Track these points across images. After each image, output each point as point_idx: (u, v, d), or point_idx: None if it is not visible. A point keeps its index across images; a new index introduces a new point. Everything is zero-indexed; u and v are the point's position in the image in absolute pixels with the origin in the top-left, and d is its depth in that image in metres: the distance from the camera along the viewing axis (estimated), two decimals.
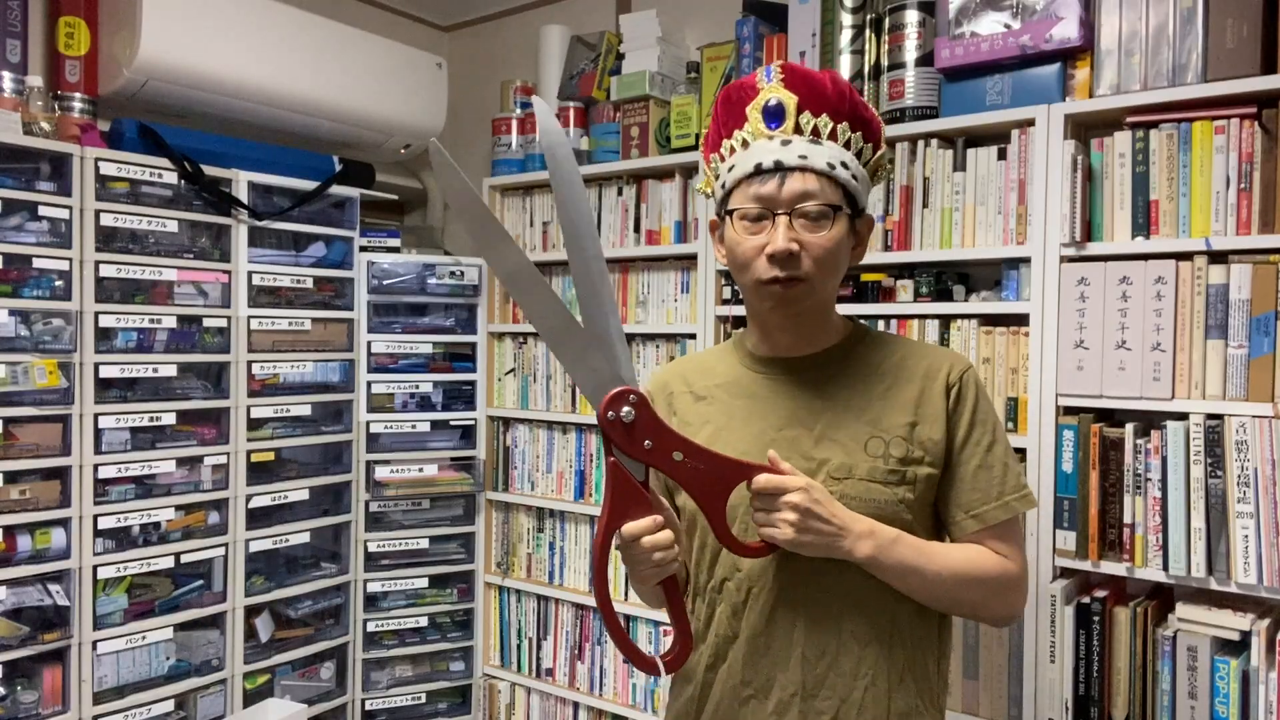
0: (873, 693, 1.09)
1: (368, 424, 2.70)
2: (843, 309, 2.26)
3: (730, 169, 1.12)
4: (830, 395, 1.15)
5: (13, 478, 2.01)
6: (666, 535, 1.02)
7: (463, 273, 2.82)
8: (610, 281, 1.09)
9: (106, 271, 2.15)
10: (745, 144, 1.12)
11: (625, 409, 0.97)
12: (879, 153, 1.16)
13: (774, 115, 1.10)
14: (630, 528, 1.01)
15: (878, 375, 1.16)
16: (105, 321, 2.15)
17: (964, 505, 1.13)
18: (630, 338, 2.58)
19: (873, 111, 1.16)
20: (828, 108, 1.10)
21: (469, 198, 1.01)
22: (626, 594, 2.56)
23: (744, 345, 1.24)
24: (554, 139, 1.07)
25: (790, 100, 1.09)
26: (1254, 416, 1.64)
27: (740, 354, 1.24)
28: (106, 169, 2.14)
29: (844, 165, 1.09)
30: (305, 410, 2.57)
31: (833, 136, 1.10)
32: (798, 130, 1.09)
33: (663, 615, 2.47)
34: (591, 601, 2.64)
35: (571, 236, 1.04)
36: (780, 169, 1.07)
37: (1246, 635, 1.65)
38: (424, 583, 2.78)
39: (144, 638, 2.23)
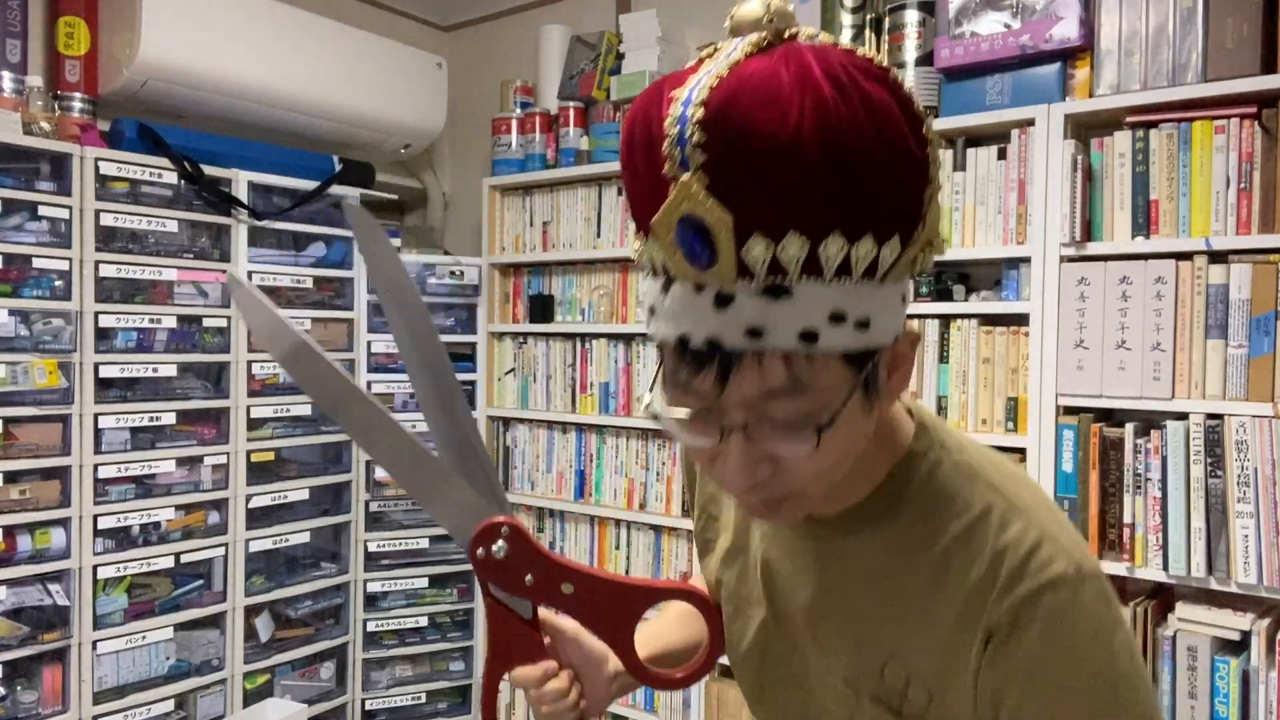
0: None
1: None
2: None
3: (651, 311, 0.62)
4: (847, 582, 0.75)
5: (13, 478, 2.01)
6: (557, 686, 0.83)
7: (463, 273, 2.82)
8: (466, 402, 0.89)
9: (106, 271, 2.15)
10: (666, 271, 0.60)
11: (496, 544, 0.80)
12: (917, 234, 0.59)
13: (697, 254, 0.57)
14: (518, 675, 0.83)
15: (913, 563, 0.70)
16: (105, 321, 2.15)
17: None
18: (630, 338, 2.58)
19: (909, 139, 0.57)
20: (799, 211, 0.55)
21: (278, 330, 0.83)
22: None
23: None
24: (391, 268, 0.89)
25: (721, 223, 0.55)
26: (1254, 416, 1.64)
27: None
28: (106, 169, 2.14)
29: (837, 319, 0.57)
30: (305, 410, 2.57)
31: (814, 268, 0.56)
32: (743, 270, 0.56)
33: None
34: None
35: (417, 364, 0.89)
36: (716, 350, 0.58)
37: (1246, 635, 1.65)
38: (424, 582, 2.78)
39: (144, 638, 2.23)
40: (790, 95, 0.54)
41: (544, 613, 0.84)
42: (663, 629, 0.95)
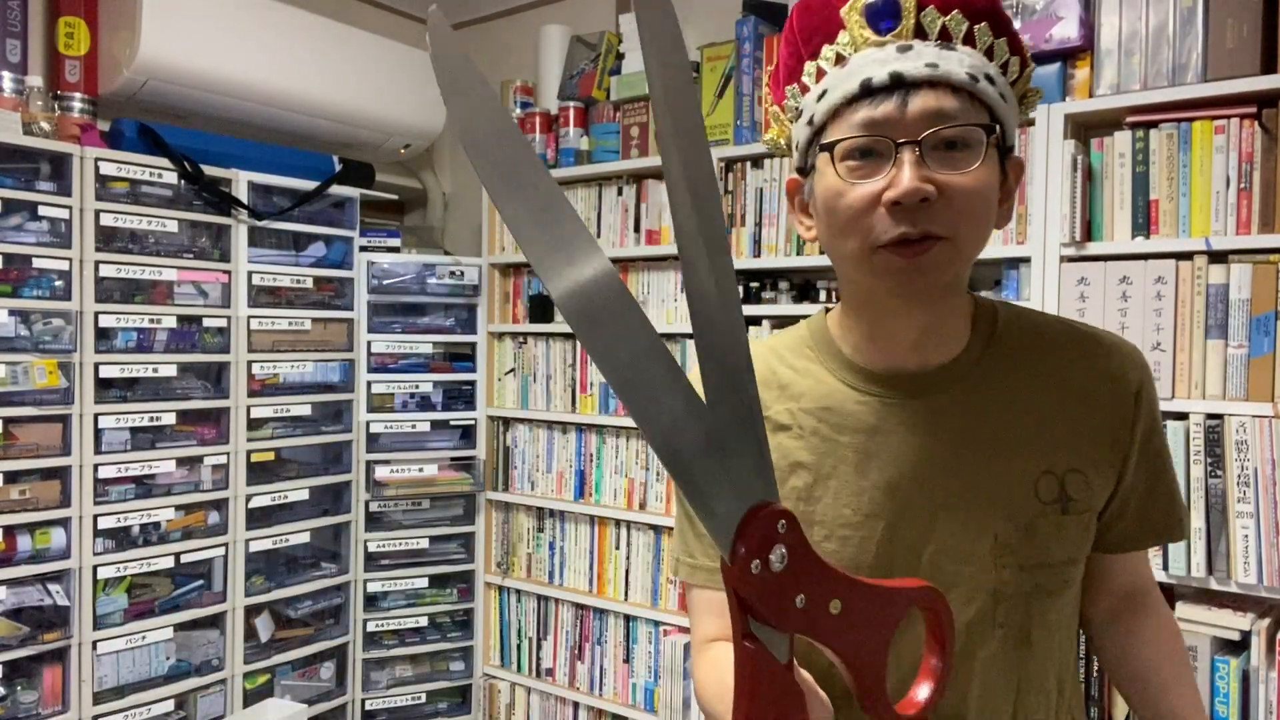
0: None
1: (368, 424, 2.70)
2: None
3: (821, 96, 0.76)
4: (981, 421, 0.80)
5: (13, 478, 2.01)
6: None
7: (463, 273, 2.82)
8: (739, 311, 0.54)
9: (106, 271, 2.15)
10: (841, 59, 0.76)
11: (775, 552, 0.52)
12: (1027, 69, 0.80)
13: (884, 13, 0.74)
14: None
15: (1043, 383, 0.82)
16: (105, 321, 2.15)
17: (1154, 526, 0.86)
18: None
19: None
20: (959, 2, 0.75)
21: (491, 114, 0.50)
22: (627, 594, 2.56)
23: (836, 349, 0.85)
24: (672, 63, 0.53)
25: None
26: (1254, 416, 1.64)
27: (833, 362, 0.85)
28: (106, 169, 2.14)
29: (989, 79, 0.74)
30: (305, 410, 2.57)
31: (969, 40, 0.75)
32: (920, 33, 0.74)
33: (662, 614, 2.47)
34: (591, 601, 2.64)
35: (693, 229, 0.52)
36: (900, 84, 0.72)
37: (1246, 635, 1.65)
38: (424, 583, 2.78)
39: (144, 638, 2.23)
40: None
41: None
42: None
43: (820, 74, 0.77)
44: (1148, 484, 0.85)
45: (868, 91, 0.73)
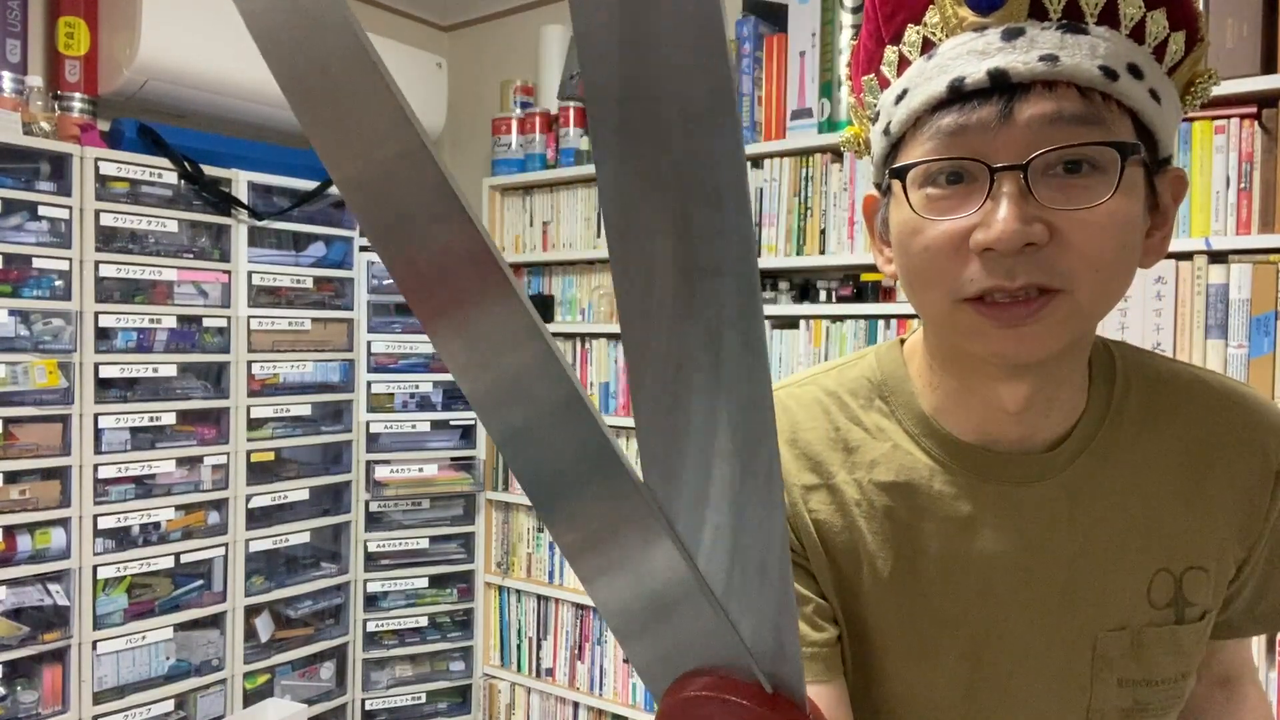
0: None
1: (368, 424, 2.70)
2: (838, 309, 2.26)
3: (900, 97, 0.58)
4: (1092, 511, 0.65)
5: (13, 478, 2.01)
6: None
7: None
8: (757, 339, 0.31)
9: (106, 271, 2.15)
10: (928, 46, 0.57)
11: None
12: (1196, 48, 0.58)
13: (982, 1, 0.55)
14: None
15: (1167, 459, 0.66)
16: (105, 321, 2.15)
17: (1263, 617, 0.72)
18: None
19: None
20: None
21: None
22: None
23: (917, 407, 0.67)
24: None
25: None
26: None
27: (915, 423, 0.67)
28: (106, 169, 2.14)
29: (1134, 71, 0.54)
30: (305, 410, 2.57)
31: (1110, 17, 0.54)
32: (1037, 11, 0.54)
33: None
34: (591, 601, 2.64)
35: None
36: (1004, 86, 0.53)
37: None
38: (424, 583, 2.78)
39: (144, 638, 2.23)
40: None
41: None
42: None
43: (903, 64, 0.58)
44: (1265, 572, 0.70)
45: (958, 95, 0.54)
